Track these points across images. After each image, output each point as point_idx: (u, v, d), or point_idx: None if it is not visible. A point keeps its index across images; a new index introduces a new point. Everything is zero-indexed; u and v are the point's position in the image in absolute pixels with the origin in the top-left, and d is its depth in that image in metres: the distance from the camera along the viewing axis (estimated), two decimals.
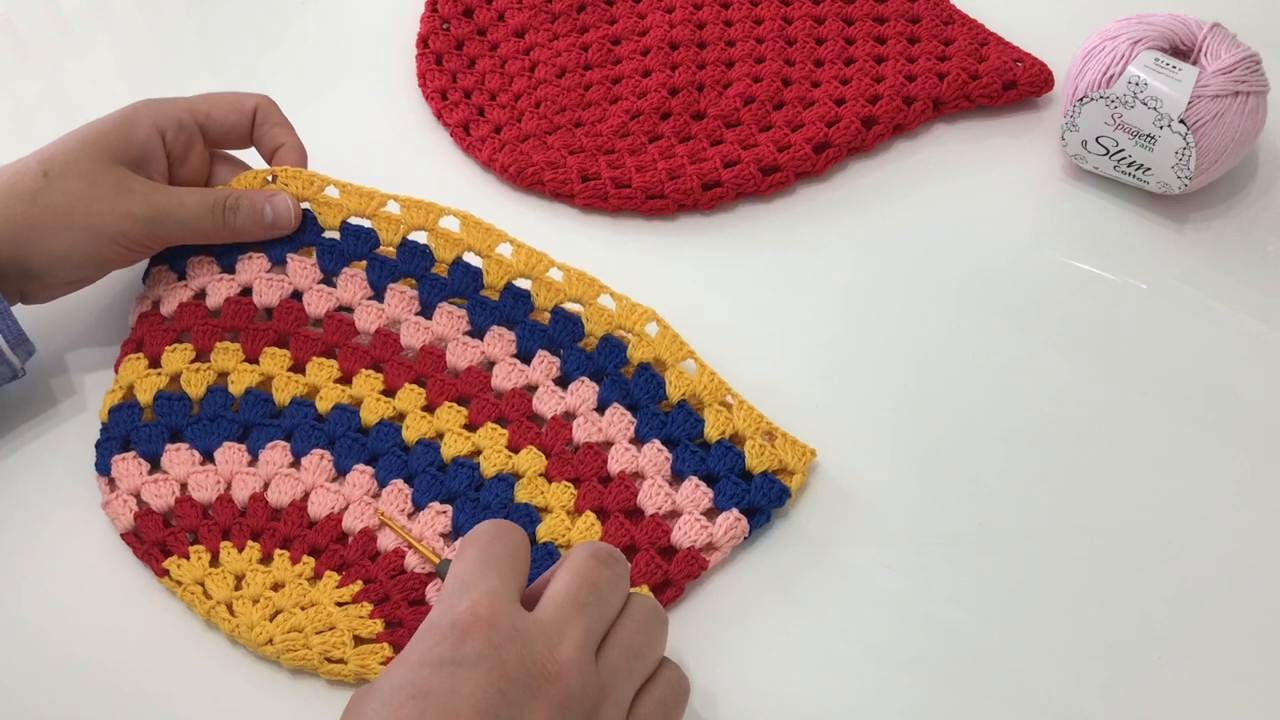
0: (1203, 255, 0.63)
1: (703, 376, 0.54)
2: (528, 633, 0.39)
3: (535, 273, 0.56)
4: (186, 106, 0.58)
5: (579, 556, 0.43)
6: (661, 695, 0.42)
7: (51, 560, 0.52)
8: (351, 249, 0.57)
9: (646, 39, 0.72)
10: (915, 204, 0.65)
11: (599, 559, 0.43)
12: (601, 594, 0.42)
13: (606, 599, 0.42)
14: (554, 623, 0.40)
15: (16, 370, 0.54)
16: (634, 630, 0.42)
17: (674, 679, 0.43)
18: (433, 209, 0.57)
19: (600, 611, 0.41)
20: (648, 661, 0.42)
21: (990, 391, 0.57)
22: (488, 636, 0.38)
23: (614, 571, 0.43)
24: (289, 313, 0.56)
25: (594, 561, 0.42)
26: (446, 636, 0.38)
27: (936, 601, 0.50)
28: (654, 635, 0.43)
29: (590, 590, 0.41)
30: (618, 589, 0.42)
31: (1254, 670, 0.48)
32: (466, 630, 0.38)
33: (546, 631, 0.39)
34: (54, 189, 0.52)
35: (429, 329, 0.56)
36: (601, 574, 0.42)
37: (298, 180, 0.58)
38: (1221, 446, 0.55)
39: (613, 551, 0.44)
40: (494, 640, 0.38)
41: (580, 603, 0.41)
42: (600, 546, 0.44)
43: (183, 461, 0.53)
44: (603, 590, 0.42)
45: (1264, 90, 0.60)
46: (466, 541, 0.43)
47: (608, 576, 0.42)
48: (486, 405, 0.54)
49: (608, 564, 0.43)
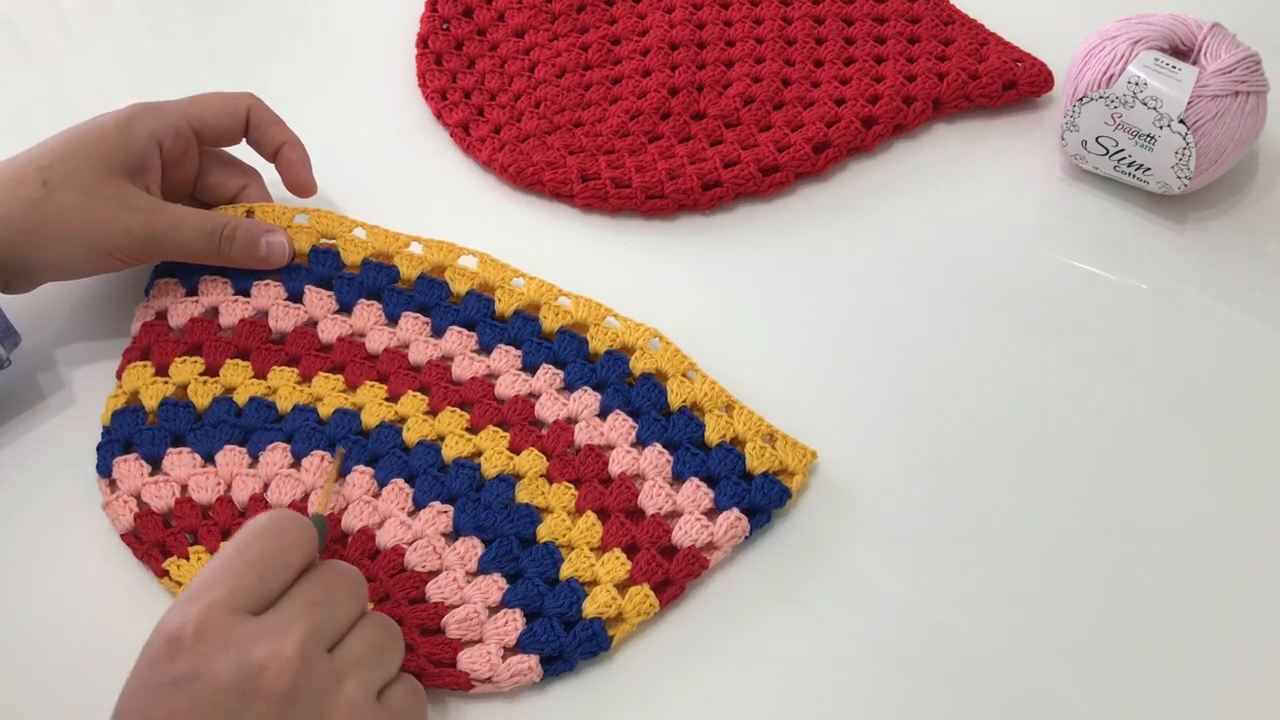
0: (1203, 255, 0.63)
1: (704, 384, 0.54)
2: (246, 638, 0.39)
3: (544, 300, 0.57)
4: (181, 112, 0.58)
5: (317, 566, 0.43)
6: (413, 687, 0.43)
7: (51, 560, 0.52)
8: (371, 283, 0.58)
9: (646, 39, 0.72)
10: (915, 204, 0.65)
11: (334, 568, 0.43)
12: (334, 595, 0.42)
13: (339, 601, 0.42)
14: (279, 622, 0.40)
15: (2, 360, 0.54)
16: (375, 629, 0.43)
17: (418, 684, 0.44)
18: (453, 249, 0.59)
19: (332, 611, 0.41)
20: (391, 658, 0.43)
21: (990, 392, 0.57)
22: (198, 651, 0.38)
23: (348, 579, 0.43)
24: (303, 337, 0.57)
25: (329, 569, 0.43)
26: (161, 656, 0.39)
27: (936, 601, 0.50)
28: (395, 638, 0.43)
29: (322, 590, 0.42)
30: (353, 595, 0.43)
31: (1254, 670, 0.48)
32: (178, 647, 0.39)
33: (270, 632, 0.39)
34: (53, 200, 0.53)
35: (438, 346, 0.57)
36: (335, 579, 0.43)
37: (327, 220, 0.60)
38: (1221, 446, 0.55)
39: (350, 566, 0.44)
40: (204, 653, 0.38)
41: (311, 601, 0.41)
42: (338, 562, 0.44)
43: (184, 464, 0.53)
44: (335, 593, 0.42)
45: (1264, 90, 0.60)
46: (236, 536, 0.42)
47: (341, 583, 0.43)
48: (489, 410, 0.55)
49: (342, 573, 0.43)
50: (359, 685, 0.41)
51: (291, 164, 0.61)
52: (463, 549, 0.50)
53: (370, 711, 0.40)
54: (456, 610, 0.49)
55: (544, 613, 0.49)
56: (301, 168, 0.61)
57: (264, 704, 0.38)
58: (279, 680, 0.38)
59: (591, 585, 0.50)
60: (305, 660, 0.39)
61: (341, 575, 0.43)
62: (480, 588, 0.49)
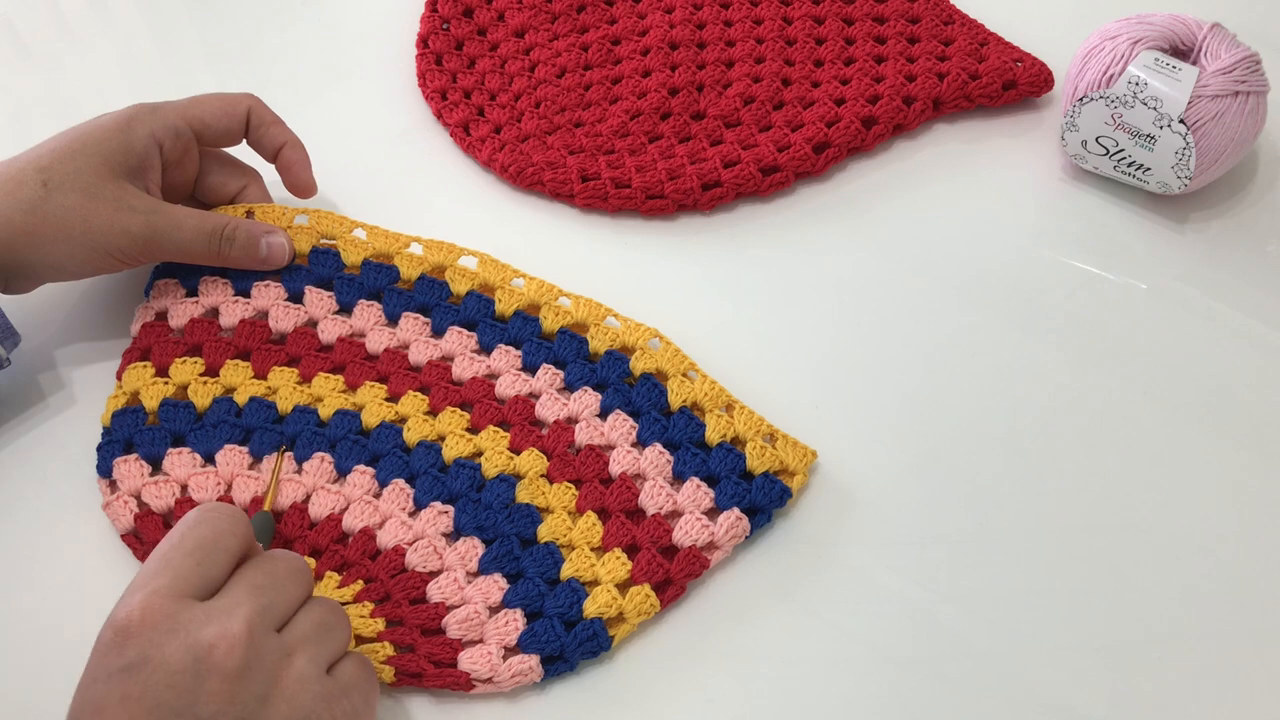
0: (1203, 255, 0.63)
1: (704, 384, 0.54)
2: (193, 621, 0.39)
3: (544, 300, 0.57)
4: (181, 114, 0.58)
5: (260, 554, 0.44)
6: (362, 662, 0.44)
7: (51, 560, 0.52)
8: (371, 283, 0.58)
9: (646, 39, 0.72)
10: (915, 204, 0.65)
11: (276, 555, 0.44)
12: (278, 579, 0.42)
13: (284, 585, 0.42)
14: (226, 605, 0.40)
15: (2, 360, 0.55)
16: (321, 610, 0.43)
17: (366, 659, 0.44)
18: (453, 249, 0.59)
19: (276, 594, 0.42)
20: (338, 636, 0.43)
21: (990, 391, 0.57)
22: (146, 636, 0.39)
23: (291, 564, 0.43)
24: (303, 338, 0.57)
25: (271, 556, 0.43)
26: (110, 646, 0.39)
27: (936, 601, 0.50)
28: (341, 619, 0.44)
29: (265, 575, 0.42)
30: (297, 579, 0.43)
31: (1254, 670, 0.48)
32: (126, 636, 0.39)
33: (216, 615, 0.40)
34: (53, 201, 0.53)
35: (438, 346, 0.57)
36: (278, 565, 0.43)
37: (327, 221, 0.60)
38: (1221, 446, 0.55)
39: (294, 554, 0.44)
40: (153, 639, 0.39)
41: (256, 585, 0.42)
42: (281, 550, 0.45)
43: (184, 464, 0.53)
44: (279, 577, 0.42)
45: (1264, 90, 0.60)
46: (171, 532, 0.43)
47: (284, 568, 0.43)
48: (489, 410, 0.55)
49: (285, 559, 0.44)
50: (308, 659, 0.41)
51: (291, 164, 0.61)
52: (463, 549, 0.50)
53: (320, 684, 0.41)
54: (457, 610, 0.49)
55: (545, 613, 0.49)
56: (301, 168, 0.61)
57: (216, 681, 0.38)
58: (229, 657, 0.39)
59: (592, 585, 0.50)
60: (254, 637, 0.40)
61: (284, 561, 0.43)
62: (481, 588, 0.49)
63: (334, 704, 0.41)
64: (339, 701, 0.41)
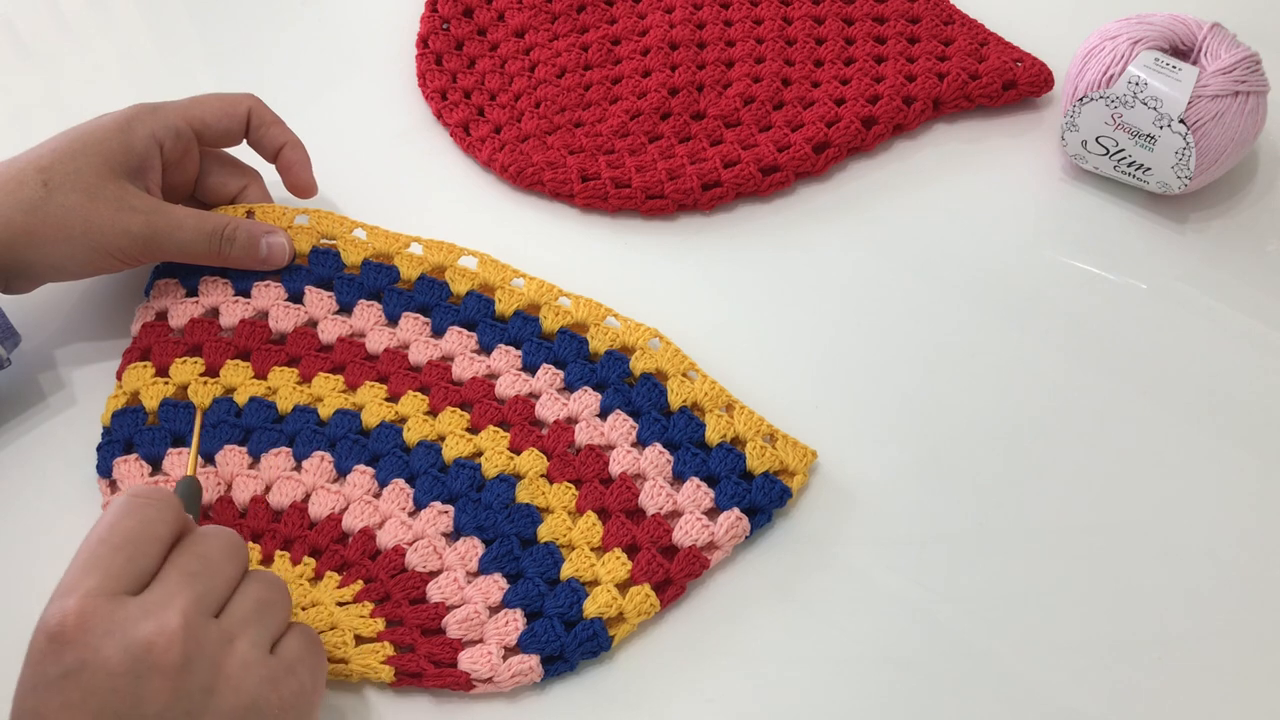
0: (1203, 255, 0.63)
1: (704, 384, 0.54)
2: (128, 619, 0.39)
3: (544, 300, 0.57)
4: (182, 114, 0.58)
5: (190, 536, 0.43)
6: (305, 634, 0.43)
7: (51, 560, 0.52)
8: (371, 283, 0.58)
9: (646, 39, 0.72)
10: (915, 204, 0.65)
11: (208, 534, 0.43)
12: (212, 563, 0.42)
13: (218, 567, 0.42)
14: (159, 597, 0.40)
15: (2, 360, 0.55)
16: (258, 586, 0.43)
17: (310, 630, 0.44)
18: (453, 249, 0.59)
19: (211, 577, 0.41)
20: (278, 612, 0.43)
21: (990, 391, 0.57)
22: (82, 640, 0.38)
23: (224, 542, 0.43)
24: (303, 338, 0.57)
25: (202, 536, 0.43)
26: (46, 654, 0.38)
27: (936, 601, 0.50)
28: (281, 592, 0.43)
29: (198, 559, 0.41)
30: (231, 557, 0.42)
31: (1254, 670, 0.48)
32: (62, 641, 0.38)
33: (151, 609, 0.39)
34: (54, 201, 0.53)
35: (438, 346, 0.57)
36: (210, 545, 0.42)
37: (328, 221, 0.60)
38: (1221, 446, 0.55)
39: (226, 529, 0.44)
40: (89, 642, 0.38)
41: (189, 572, 0.41)
42: (212, 527, 0.44)
43: (184, 464, 0.53)
44: (212, 558, 0.42)
45: (1264, 90, 0.60)
46: (98, 523, 0.42)
47: (217, 547, 0.42)
48: (489, 410, 0.55)
49: (217, 536, 0.43)
50: (250, 643, 0.41)
51: (292, 165, 0.61)
52: (463, 549, 0.51)
53: (265, 666, 0.41)
54: (457, 610, 0.49)
55: (545, 613, 0.49)
56: (302, 168, 0.61)
57: (158, 679, 0.38)
58: (168, 653, 0.38)
59: (592, 585, 0.50)
60: (191, 629, 0.39)
61: (217, 538, 0.43)
62: (481, 588, 0.49)
63: (280, 685, 0.41)
64: (285, 681, 0.41)
